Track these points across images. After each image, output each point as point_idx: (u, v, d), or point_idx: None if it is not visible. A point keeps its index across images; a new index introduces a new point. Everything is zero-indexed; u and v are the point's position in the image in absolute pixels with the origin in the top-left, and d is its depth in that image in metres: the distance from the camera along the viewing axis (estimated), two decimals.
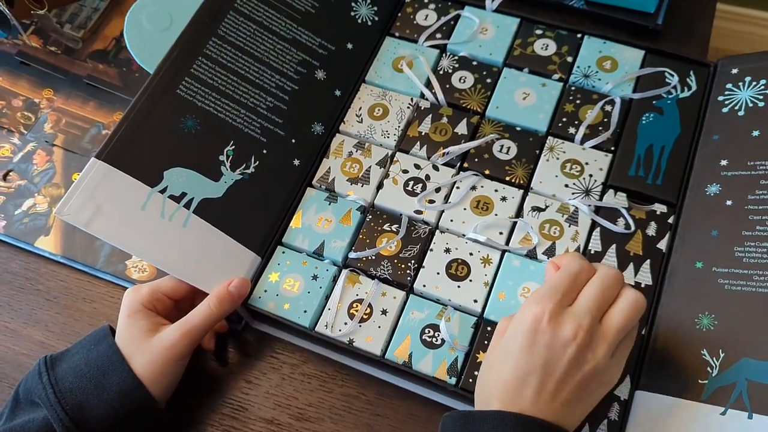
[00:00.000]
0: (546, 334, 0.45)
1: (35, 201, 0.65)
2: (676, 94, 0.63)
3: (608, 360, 0.46)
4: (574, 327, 0.45)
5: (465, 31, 0.69)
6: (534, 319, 0.46)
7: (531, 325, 0.46)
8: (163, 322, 0.54)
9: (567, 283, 0.47)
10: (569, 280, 0.47)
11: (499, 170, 0.61)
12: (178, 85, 0.60)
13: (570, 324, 0.45)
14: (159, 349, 0.52)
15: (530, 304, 0.47)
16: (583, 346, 0.45)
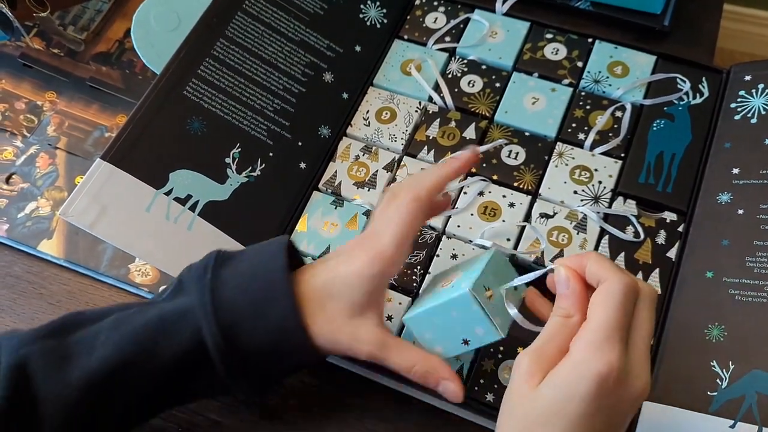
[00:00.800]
0: (613, 396, 0.38)
1: (38, 204, 0.64)
2: (688, 101, 0.62)
3: None
4: (644, 379, 0.39)
5: (474, 34, 0.68)
6: (600, 380, 0.37)
7: (597, 387, 0.37)
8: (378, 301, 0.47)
9: (622, 319, 0.39)
10: (623, 313, 0.39)
11: (507, 176, 0.61)
12: (185, 87, 0.59)
13: (640, 377, 0.39)
14: (342, 337, 0.46)
15: (590, 358, 0.38)
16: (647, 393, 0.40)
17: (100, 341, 0.45)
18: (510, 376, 0.42)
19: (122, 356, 0.44)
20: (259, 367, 0.46)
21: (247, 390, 0.47)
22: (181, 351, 0.45)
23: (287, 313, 0.45)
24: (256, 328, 0.45)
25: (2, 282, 0.62)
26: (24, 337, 0.45)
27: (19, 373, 0.44)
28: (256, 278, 0.46)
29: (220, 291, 0.45)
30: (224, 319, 0.44)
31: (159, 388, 0.46)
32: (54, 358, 0.44)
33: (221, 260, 0.47)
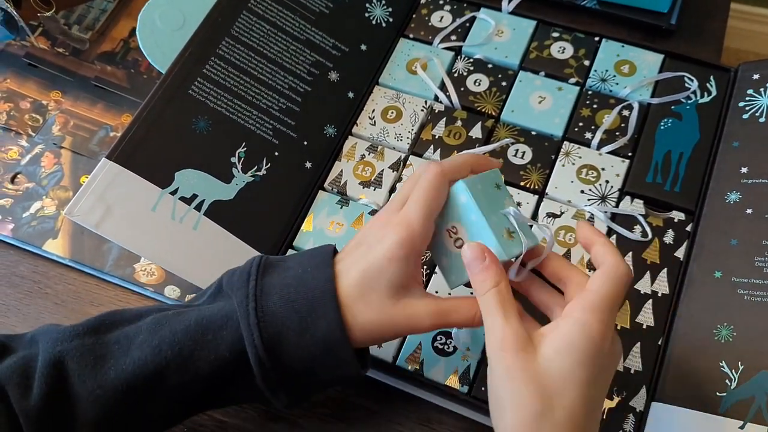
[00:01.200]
0: (606, 358, 0.41)
1: (43, 204, 0.64)
2: (696, 100, 0.62)
3: None
4: (619, 346, 0.42)
5: (480, 33, 0.68)
6: (603, 341, 0.40)
7: (599, 348, 0.40)
8: (416, 277, 0.46)
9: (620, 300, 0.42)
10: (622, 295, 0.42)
11: (514, 175, 0.60)
12: (191, 86, 0.59)
13: (618, 343, 0.42)
14: (397, 320, 0.44)
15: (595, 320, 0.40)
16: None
17: (137, 343, 0.44)
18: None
19: (160, 361, 0.43)
20: (299, 380, 0.45)
21: (284, 401, 0.46)
22: (221, 360, 0.44)
23: (333, 327, 0.43)
24: (300, 341, 0.43)
25: (8, 281, 0.62)
26: (61, 334, 0.44)
27: (56, 370, 0.43)
28: (303, 289, 0.44)
29: (264, 300, 0.44)
30: (268, 331, 0.43)
31: (195, 393, 0.45)
32: (91, 357, 0.44)
33: (265, 267, 0.46)
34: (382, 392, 0.55)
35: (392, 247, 0.44)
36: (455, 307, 0.46)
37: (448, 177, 0.46)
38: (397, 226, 0.44)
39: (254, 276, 0.45)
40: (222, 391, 0.46)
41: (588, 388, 0.40)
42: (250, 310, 0.43)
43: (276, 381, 0.44)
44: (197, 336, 0.44)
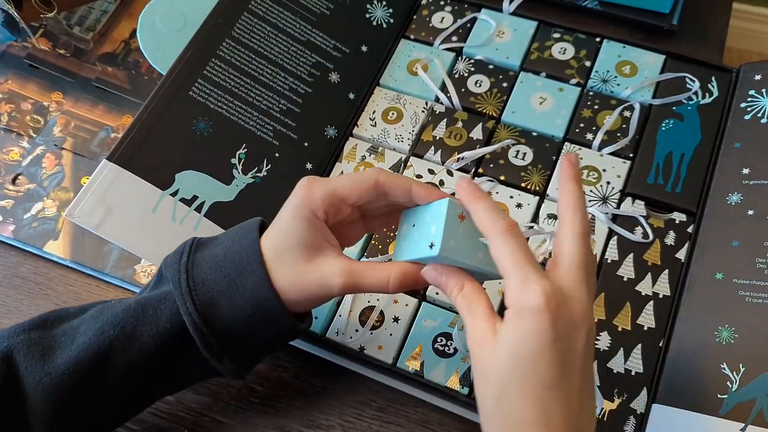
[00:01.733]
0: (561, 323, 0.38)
1: (44, 205, 0.64)
2: (697, 101, 0.62)
3: None
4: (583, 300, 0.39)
5: (481, 34, 0.68)
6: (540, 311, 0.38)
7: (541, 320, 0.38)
8: (328, 239, 0.46)
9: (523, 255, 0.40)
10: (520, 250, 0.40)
11: (515, 176, 0.60)
12: (191, 87, 0.59)
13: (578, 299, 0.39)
14: (311, 278, 0.45)
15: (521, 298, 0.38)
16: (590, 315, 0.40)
17: (81, 330, 0.46)
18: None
19: (103, 341, 0.45)
20: (239, 341, 0.46)
21: (230, 367, 0.47)
22: (161, 333, 0.45)
23: (260, 283, 0.45)
24: (232, 302, 0.45)
25: (9, 283, 0.62)
26: (7, 332, 0.46)
27: (4, 364, 0.44)
28: (230, 256, 0.46)
29: (195, 272, 0.46)
30: (200, 298, 0.45)
31: (143, 372, 0.47)
32: (38, 349, 0.45)
33: (197, 245, 0.48)
34: (381, 393, 0.55)
35: (292, 208, 0.46)
36: (368, 269, 0.45)
37: (381, 180, 0.46)
38: (301, 188, 0.46)
39: (186, 253, 0.47)
40: (170, 366, 0.47)
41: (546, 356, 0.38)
42: (182, 281, 0.45)
43: (217, 346, 0.46)
44: (137, 313, 0.46)
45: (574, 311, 0.39)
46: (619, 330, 0.54)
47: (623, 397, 0.51)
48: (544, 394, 0.38)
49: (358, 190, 0.46)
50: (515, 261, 0.39)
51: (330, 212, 0.46)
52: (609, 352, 0.53)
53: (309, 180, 0.47)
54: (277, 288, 0.45)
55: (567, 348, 0.38)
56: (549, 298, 0.38)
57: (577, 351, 0.39)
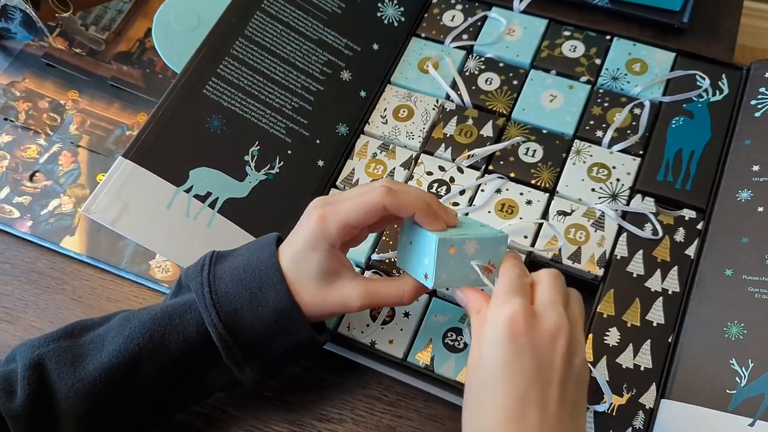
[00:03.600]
0: (530, 334, 0.41)
1: (61, 201, 0.65)
2: (707, 98, 0.62)
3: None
4: (554, 317, 0.42)
5: (492, 32, 0.68)
6: (509, 322, 0.41)
7: (509, 330, 0.41)
8: (343, 262, 0.49)
9: (518, 280, 0.44)
10: (518, 276, 0.44)
11: (525, 173, 0.61)
12: (205, 85, 0.60)
13: (551, 316, 0.42)
14: (331, 301, 0.48)
15: (495, 309, 0.43)
16: (569, 335, 0.42)
17: (109, 338, 0.47)
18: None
19: (132, 348, 0.47)
20: (260, 351, 0.48)
21: (250, 375, 0.49)
22: (188, 341, 0.47)
23: (281, 296, 0.47)
24: (254, 314, 0.47)
25: (26, 278, 0.63)
26: (37, 341, 0.48)
27: (36, 372, 0.46)
28: (250, 269, 0.48)
29: (217, 284, 0.48)
30: (224, 310, 0.47)
31: (171, 379, 0.48)
32: (68, 357, 0.47)
33: (216, 258, 0.49)
34: (392, 388, 0.56)
35: (310, 238, 0.48)
36: (383, 287, 0.49)
37: (387, 205, 0.46)
38: (316, 221, 0.47)
39: (207, 266, 0.49)
40: (196, 376, 0.49)
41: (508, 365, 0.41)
42: (205, 294, 0.47)
43: (240, 355, 0.48)
44: (164, 322, 0.47)
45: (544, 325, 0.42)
46: (628, 326, 0.54)
47: (632, 392, 0.52)
48: (522, 384, 0.40)
49: (367, 217, 0.47)
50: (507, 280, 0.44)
51: (344, 239, 0.48)
52: (618, 348, 0.53)
53: (322, 211, 0.48)
54: (297, 301, 0.48)
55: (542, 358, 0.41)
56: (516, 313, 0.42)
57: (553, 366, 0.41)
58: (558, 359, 0.41)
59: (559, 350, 0.41)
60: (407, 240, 0.49)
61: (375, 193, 0.46)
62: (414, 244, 0.48)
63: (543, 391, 0.40)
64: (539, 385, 0.40)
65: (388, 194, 0.46)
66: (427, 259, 0.46)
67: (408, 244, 0.49)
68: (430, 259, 0.46)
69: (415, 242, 0.48)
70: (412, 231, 0.48)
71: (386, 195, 0.46)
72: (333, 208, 0.47)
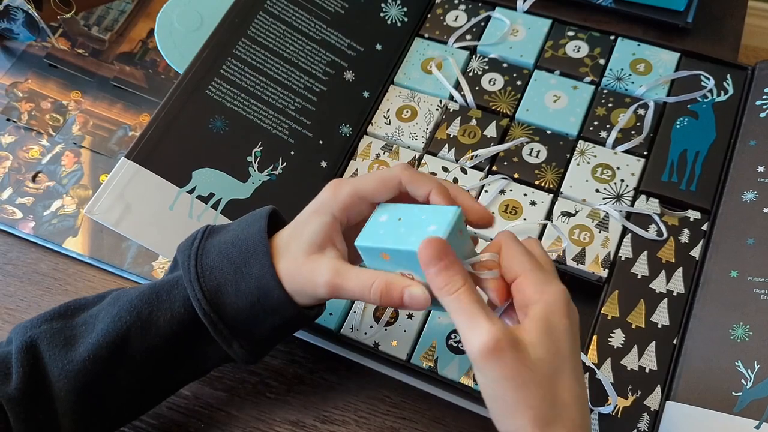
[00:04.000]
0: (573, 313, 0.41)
1: (63, 202, 0.65)
2: (712, 98, 0.62)
3: None
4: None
5: (495, 32, 0.68)
6: (566, 301, 0.41)
7: (567, 309, 0.41)
8: (335, 242, 0.46)
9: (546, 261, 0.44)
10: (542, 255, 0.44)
11: (529, 174, 0.60)
12: (208, 86, 0.60)
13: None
14: (302, 271, 0.45)
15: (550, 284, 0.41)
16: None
17: (100, 318, 0.47)
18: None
19: (121, 326, 0.46)
20: (247, 328, 0.47)
21: (240, 352, 0.48)
22: (176, 318, 0.46)
23: (264, 271, 0.45)
24: (237, 289, 0.46)
25: (29, 279, 0.63)
26: (30, 323, 0.47)
27: (29, 353, 0.46)
28: (238, 243, 0.46)
29: (204, 258, 0.46)
30: (208, 284, 0.46)
31: (162, 356, 0.48)
32: (60, 338, 0.46)
33: (209, 232, 0.48)
34: (395, 390, 0.56)
35: (315, 204, 0.47)
36: (355, 272, 0.44)
37: (405, 179, 0.45)
38: (328, 189, 0.47)
39: (198, 239, 0.48)
40: (187, 350, 0.48)
41: (575, 356, 0.41)
42: (190, 267, 0.46)
43: (227, 332, 0.47)
44: (152, 299, 0.47)
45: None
46: (633, 327, 0.54)
47: (637, 394, 0.51)
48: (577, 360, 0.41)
49: (381, 189, 0.46)
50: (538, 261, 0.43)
51: (352, 214, 0.46)
52: (623, 350, 0.53)
53: (336, 181, 0.47)
54: (281, 276, 0.45)
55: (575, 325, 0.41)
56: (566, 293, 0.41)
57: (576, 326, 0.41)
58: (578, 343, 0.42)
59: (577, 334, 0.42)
60: (390, 217, 0.44)
61: (393, 168, 0.46)
62: (405, 219, 0.44)
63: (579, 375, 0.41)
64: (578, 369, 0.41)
65: (406, 169, 0.46)
66: (435, 227, 0.41)
67: (393, 221, 0.44)
68: (440, 226, 0.41)
69: (407, 217, 0.44)
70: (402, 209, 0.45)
71: (404, 169, 0.46)
72: (348, 180, 0.47)
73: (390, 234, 0.43)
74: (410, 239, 0.42)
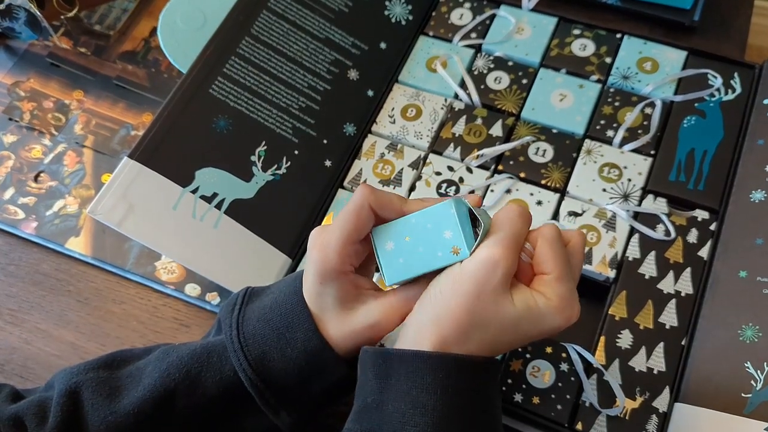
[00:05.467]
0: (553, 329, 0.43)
1: (66, 202, 0.65)
2: (720, 97, 0.61)
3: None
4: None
5: (501, 30, 0.68)
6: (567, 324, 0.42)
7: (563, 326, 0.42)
8: (362, 286, 0.46)
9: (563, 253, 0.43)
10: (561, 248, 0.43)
11: (535, 173, 0.60)
12: (211, 85, 0.60)
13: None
14: (360, 328, 0.45)
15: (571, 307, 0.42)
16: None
17: (147, 372, 0.46)
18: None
19: (168, 383, 0.45)
20: (295, 394, 0.46)
21: (287, 421, 0.46)
22: (225, 381, 0.45)
23: (310, 335, 0.44)
24: (284, 355, 0.45)
25: (31, 279, 0.62)
26: (76, 368, 0.46)
27: (71, 400, 0.44)
28: (277, 308, 0.46)
29: (246, 326, 0.46)
30: (252, 353, 0.45)
31: (206, 418, 0.46)
32: (105, 388, 0.45)
33: (249, 295, 0.48)
34: None
35: (316, 273, 0.44)
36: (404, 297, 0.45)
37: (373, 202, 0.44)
38: (316, 253, 0.44)
39: (239, 305, 0.47)
40: (230, 417, 0.47)
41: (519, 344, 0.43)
42: (233, 337, 0.45)
43: (273, 400, 0.45)
44: (203, 358, 0.46)
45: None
46: (641, 328, 0.53)
47: (645, 395, 0.51)
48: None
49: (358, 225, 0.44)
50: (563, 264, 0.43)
51: (354, 259, 0.45)
52: (631, 351, 0.52)
53: (319, 241, 0.44)
54: (328, 339, 0.45)
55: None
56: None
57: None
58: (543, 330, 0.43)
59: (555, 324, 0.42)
60: (397, 241, 0.44)
61: (356, 196, 0.44)
62: (413, 237, 0.43)
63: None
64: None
65: (370, 192, 0.43)
66: (450, 232, 0.41)
67: (402, 243, 0.43)
68: (453, 230, 0.41)
69: (413, 233, 0.43)
70: (397, 227, 0.44)
71: (369, 193, 0.43)
72: (326, 234, 0.44)
73: (413, 259, 0.43)
74: (437, 255, 0.42)
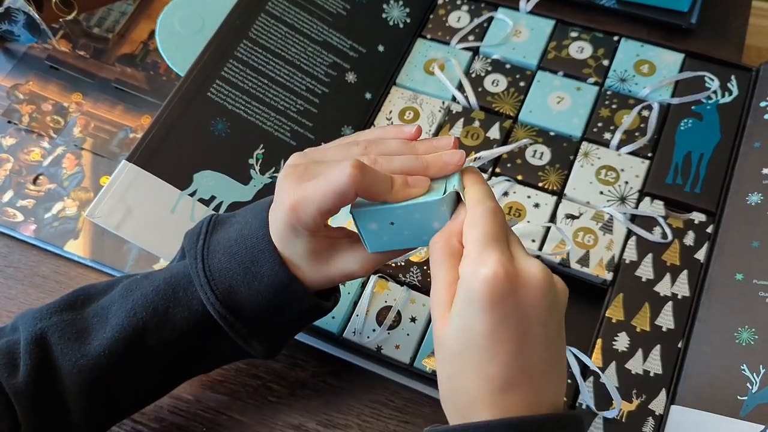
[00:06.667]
0: (513, 296, 0.36)
1: (65, 205, 0.65)
2: (717, 100, 0.61)
3: None
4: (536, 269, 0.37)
5: (498, 33, 0.68)
6: (490, 283, 0.36)
7: (490, 291, 0.36)
8: (334, 235, 0.45)
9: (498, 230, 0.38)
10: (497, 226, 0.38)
11: (532, 176, 0.60)
12: (209, 88, 0.60)
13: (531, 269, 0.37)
14: (334, 273, 0.45)
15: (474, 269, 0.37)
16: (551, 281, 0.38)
17: (113, 311, 0.46)
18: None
19: (136, 323, 0.45)
20: (265, 323, 0.46)
21: (258, 349, 0.47)
22: (195, 314, 0.45)
23: (276, 269, 0.44)
24: (251, 289, 0.44)
25: (30, 281, 0.63)
26: (39, 313, 0.46)
27: (38, 346, 0.45)
28: (242, 240, 0.45)
29: (211, 258, 0.45)
30: (219, 287, 0.44)
31: (177, 352, 0.47)
32: (71, 331, 0.45)
33: (214, 224, 0.47)
34: (398, 393, 0.56)
35: (288, 225, 0.43)
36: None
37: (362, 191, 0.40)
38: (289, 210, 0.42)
39: (203, 235, 0.46)
40: (202, 347, 0.47)
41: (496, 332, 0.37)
42: (198, 270, 0.45)
43: (244, 330, 0.46)
44: (168, 294, 0.45)
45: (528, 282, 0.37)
46: (637, 331, 0.53)
47: (642, 398, 0.51)
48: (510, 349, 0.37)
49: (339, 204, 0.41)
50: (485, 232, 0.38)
51: (324, 221, 0.43)
52: (627, 353, 0.53)
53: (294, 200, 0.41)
54: (297, 277, 0.44)
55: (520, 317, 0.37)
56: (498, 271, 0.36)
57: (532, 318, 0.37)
58: (543, 313, 0.37)
59: (544, 304, 0.37)
60: (381, 224, 0.42)
61: (344, 177, 0.39)
62: (398, 222, 0.42)
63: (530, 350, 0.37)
64: (527, 347, 0.37)
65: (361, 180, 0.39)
66: (438, 223, 0.41)
67: (386, 226, 0.42)
68: (443, 221, 0.41)
69: (399, 220, 0.42)
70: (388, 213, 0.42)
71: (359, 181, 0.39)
72: (303, 197, 0.41)
73: (398, 237, 0.43)
74: (423, 238, 0.42)
